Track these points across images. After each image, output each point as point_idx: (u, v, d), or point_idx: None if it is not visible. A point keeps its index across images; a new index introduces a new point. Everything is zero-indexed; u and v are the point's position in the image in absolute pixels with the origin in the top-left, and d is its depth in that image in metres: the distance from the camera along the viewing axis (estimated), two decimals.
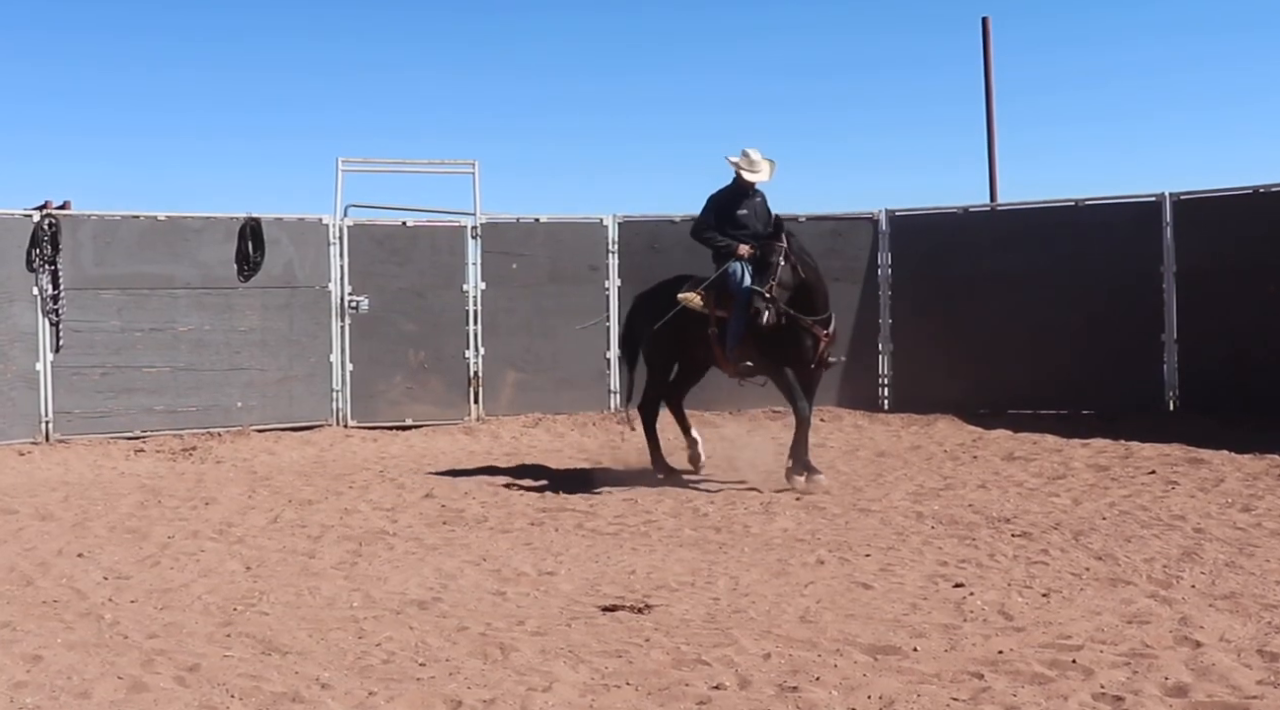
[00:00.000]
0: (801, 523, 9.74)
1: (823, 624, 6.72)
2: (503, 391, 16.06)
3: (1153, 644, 6.16)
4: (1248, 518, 9.41)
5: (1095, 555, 8.27)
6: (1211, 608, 6.86)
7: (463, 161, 16.79)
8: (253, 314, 15.02)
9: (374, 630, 6.74)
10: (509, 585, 7.84)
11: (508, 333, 16.09)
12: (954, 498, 10.68)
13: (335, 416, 15.44)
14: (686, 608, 7.16)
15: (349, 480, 12.18)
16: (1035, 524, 9.38)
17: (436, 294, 15.85)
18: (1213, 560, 8.00)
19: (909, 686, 5.59)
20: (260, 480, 12.27)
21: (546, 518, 10.14)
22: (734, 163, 11.68)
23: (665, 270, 15.62)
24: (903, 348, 16.29)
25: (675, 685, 5.70)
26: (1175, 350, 14.78)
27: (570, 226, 16.54)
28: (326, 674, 5.94)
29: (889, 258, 16.45)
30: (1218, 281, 14.34)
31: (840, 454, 13.21)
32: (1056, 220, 15.63)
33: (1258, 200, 14.35)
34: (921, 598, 7.29)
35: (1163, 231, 14.83)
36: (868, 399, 16.26)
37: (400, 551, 8.95)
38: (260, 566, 8.47)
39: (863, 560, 8.33)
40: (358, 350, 15.51)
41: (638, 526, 9.73)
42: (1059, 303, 15.16)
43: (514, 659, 6.15)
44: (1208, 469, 11.59)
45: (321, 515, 10.39)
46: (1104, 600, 7.11)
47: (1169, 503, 10.12)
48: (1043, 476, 11.66)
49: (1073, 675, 5.68)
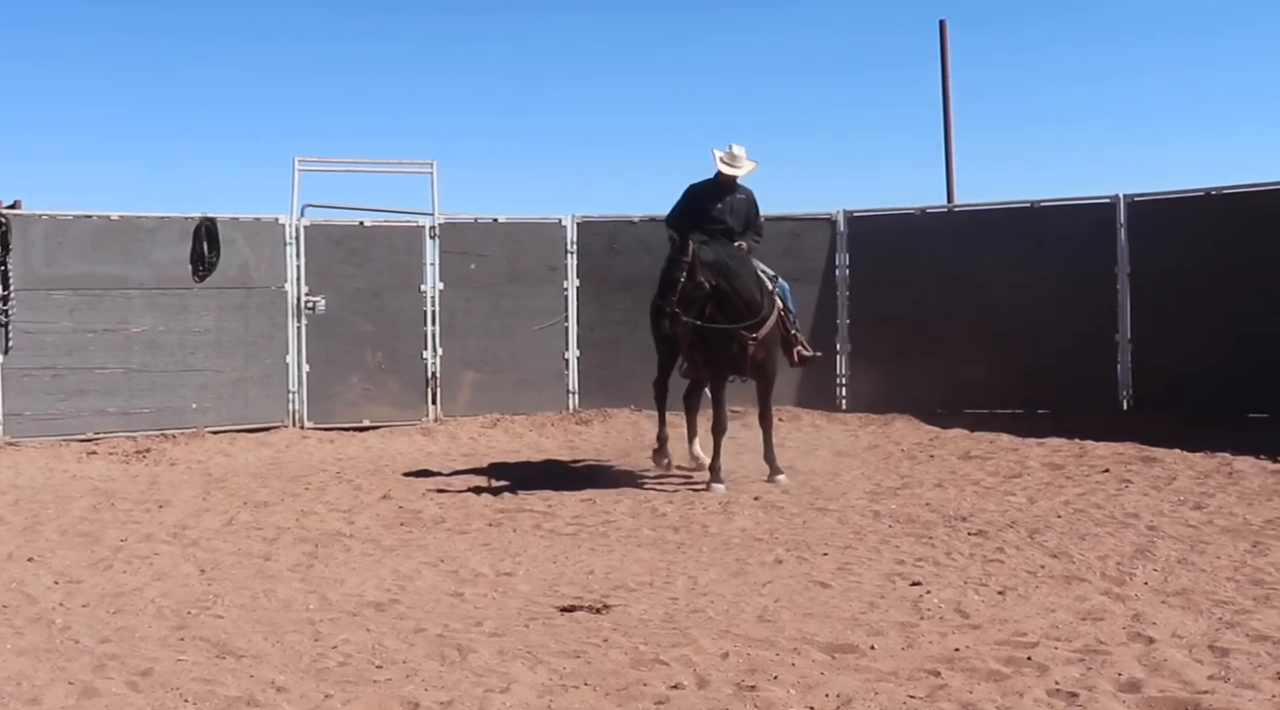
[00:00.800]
0: (759, 522, 9.76)
1: (781, 623, 6.73)
2: (461, 392, 16.02)
3: (1106, 640, 6.20)
4: (1199, 515, 9.50)
5: (1050, 553, 8.32)
6: (1164, 604, 6.92)
7: (421, 161, 16.73)
8: (208, 315, 14.91)
9: (330, 632, 6.70)
10: (467, 586, 7.81)
11: (466, 333, 16.04)
12: (911, 497, 10.72)
13: (291, 418, 15.35)
14: (645, 607, 7.16)
15: (305, 482, 12.11)
16: (991, 522, 9.44)
17: (394, 294, 15.79)
18: (1165, 557, 8.08)
19: (866, 684, 5.61)
20: (215, 482, 12.17)
21: (504, 518, 10.11)
22: (717, 156, 11.70)
23: (624, 271, 15.74)
24: (860, 348, 16.35)
25: (633, 685, 5.69)
26: (1129, 350, 14.91)
27: (529, 227, 16.51)
28: (282, 677, 5.90)
29: (847, 258, 16.51)
30: (1171, 282, 14.47)
31: (798, 453, 13.24)
32: (1013, 221, 15.73)
33: (1210, 202, 14.49)
34: (879, 596, 7.32)
35: (1117, 233, 14.95)
36: (825, 399, 16.31)
37: (357, 553, 8.90)
38: (215, 569, 8.40)
39: (820, 559, 8.35)
40: (314, 351, 15.43)
41: (596, 527, 9.72)
42: (1015, 303, 15.25)
43: (471, 660, 6.12)
44: (1160, 467, 11.70)
45: (277, 517, 10.32)
46: (1059, 597, 7.16)
47: (1122, 501, 10.21)
48: (999, 475, 11.73)
49: (1028, 672, 5.72)
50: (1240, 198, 14.31)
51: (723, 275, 11.04)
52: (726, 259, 11.12)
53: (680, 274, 10.82)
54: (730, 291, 11.12)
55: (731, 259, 11.20)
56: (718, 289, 11.03)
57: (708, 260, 10.92)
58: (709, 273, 10.92)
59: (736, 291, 11.17)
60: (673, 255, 10.97)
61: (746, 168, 11.74)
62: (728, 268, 11.10)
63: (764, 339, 11.43)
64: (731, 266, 11.14)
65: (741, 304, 11.23)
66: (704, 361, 11.57)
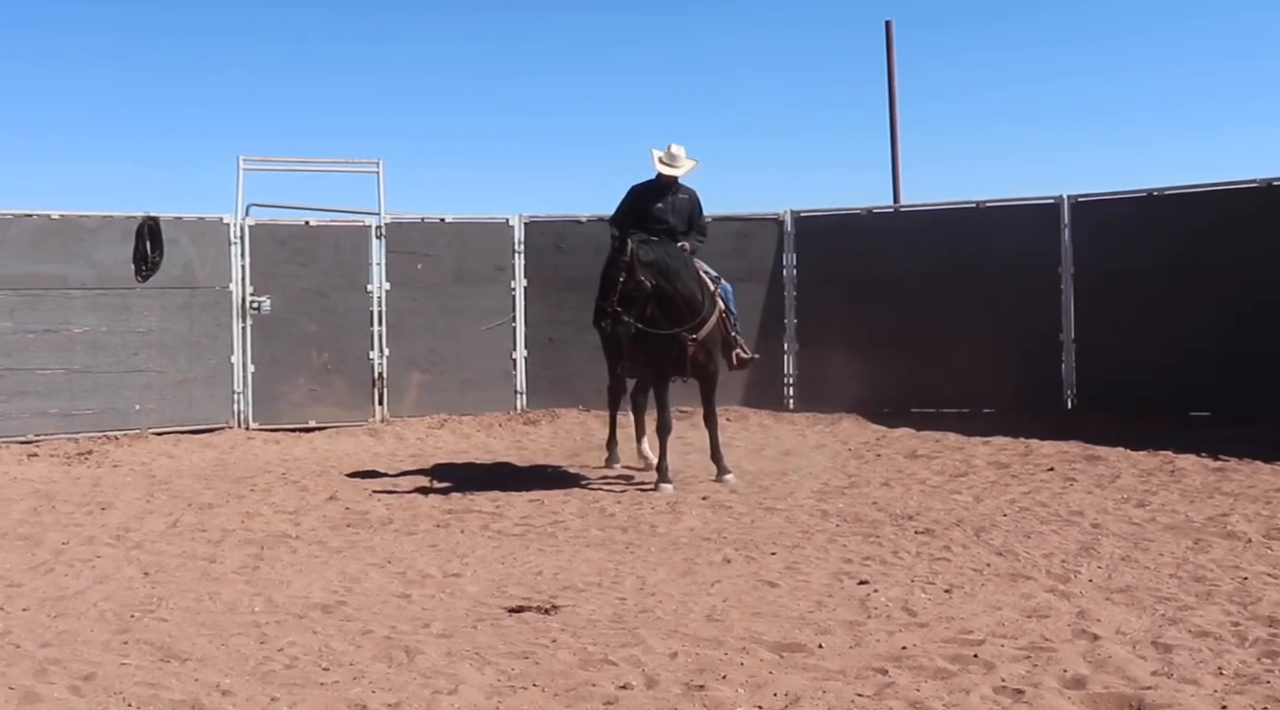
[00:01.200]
0: (708, 522, 9.77)
1: (729, 622, 6.74)
2: (408, 392, 15.95)
3: (1052, 637, 6.25)
4: (1142, 513, 9.59)
5: (996, 551, 8.38)
6: (1108, 601, 6.98)
7: (367, 161, 16.64)
8: (151, 315, 14.76)
9: (276, 635, 6.64)
10: (414, 588, 7.77)
11: (412, 333, 15.98)
12: (858, 496, 10.77)
13: (236, 419, 15.23)
14: (593, 608, 7.15)
15: (250, 483, 12.01)
16: (938, 521, 9.49)
17: (340, 294, 15.70)
18: (1109, 555, 8.15)
19: (814, 683, 5.63)
20: (159, 484, 12.05)
21: (452, 519, 10.07)
22: (656, 156, 11.70)
23: (572, 271, 15.73)
24: (808, 348, 16.42)
25: (582, 686, 5.68)
26: (1073, 350, 15.06)
27: (476, 226, 16.47)
28: (227, 680, 5.85)
29: (794, 258, 16.58)
30: (1114, 282, 14.62)
31: (746, 453, 13.27)
32: (958, 222, 15.84)
33: (1152, 203, 14.65)
34: (827, 595, 7.35)
35: (1061, 233, 15.09)
36: (773, 398, 16.37)
37: (303, 555, 8.84)
38: (159, 572, 8.31)
39: (768, 558, 8.37)
40: (259, 351, 15.32)
41: (544, 527, 9.70)
42: (961, 303, 15.35)
43: (419, 662, 6.09)
44: (1104, 466, 11.81)
45: (222, 519, 10.23)
46: (1004, 595, 7.21)
47: (1067, 499, 10.29)
48: (945, 474, 11.80)
49: (974, 669, 5.75)
50: (1181, 198, 14.49)
51: (663, 275, 11.04)
52: (667, 258, 11.13)
53: (619, 273, 10.82)
54: (671, 291, 11.13)
55: (672, 258, 11.21)
56: (658, 288, 11.03)
57: (647, 259, 10.93)
58: (649, 272, 10.92)
59: (677, 291, 11.17)
60: (612, 255, 10.96)
61: (686, 167, 11.76)
62: (668, 267, 11.10)
63: (704, 340, 11.44)
64: (672, 266, 11.14)
65: (682, 303, 11.23)
66: (645, 361, 11.59)
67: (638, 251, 10.87)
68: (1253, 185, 14.05)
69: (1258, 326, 13.60)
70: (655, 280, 10.97)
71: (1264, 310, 13.55)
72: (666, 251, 11.21)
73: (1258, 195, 13.94)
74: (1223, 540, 8.50)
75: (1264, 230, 13.65)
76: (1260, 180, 13.98)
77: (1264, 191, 13.91)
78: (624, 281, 10.82)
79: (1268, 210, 13.74)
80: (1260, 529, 8.81)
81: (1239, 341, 13.69)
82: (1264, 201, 13.83)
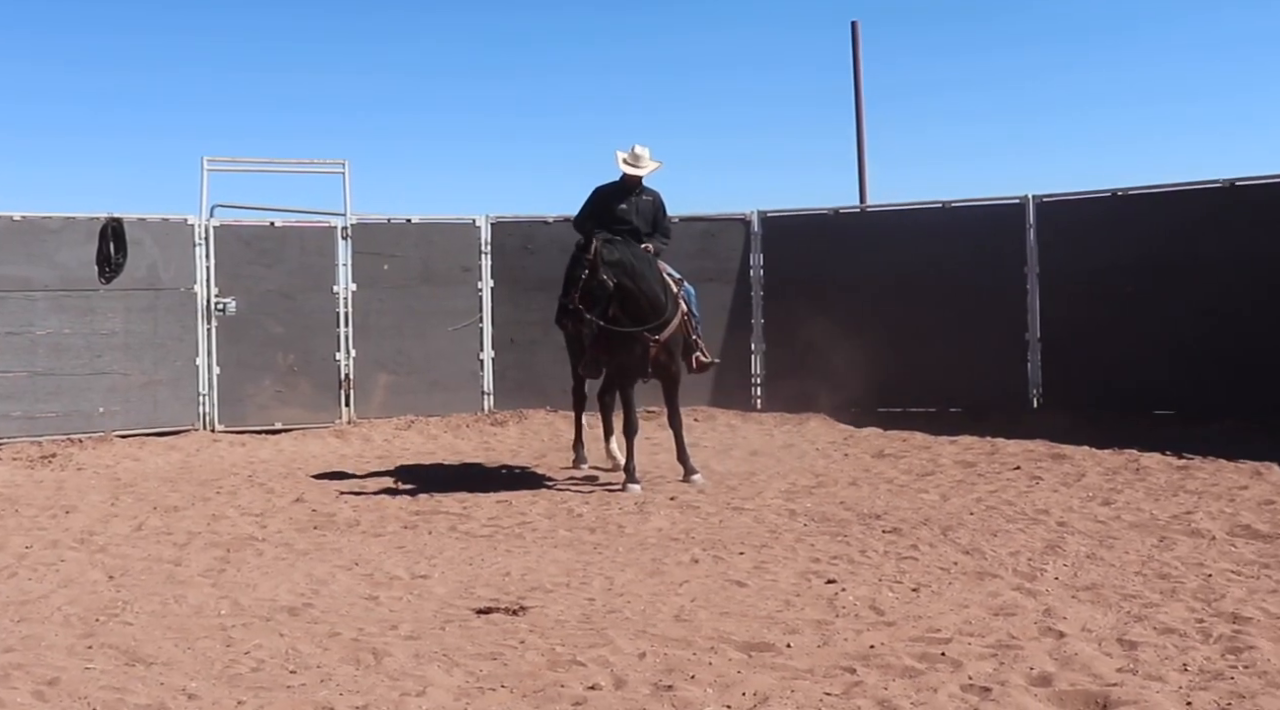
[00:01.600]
0: (676, 522, 9.77)
1: (697, 622, 6.74)
2: (374, 394, 15.90)
3: (1018, 635, 6.28)
4: (1108, 511, 9.66)
5: (963, 550, 8.42)
6: (1074, 599, 7.02)
7: (332, 161, 16.58)
8: (115, 317, 14.66)
9: (243, 638, 6.60)
10: (381, 589, 7.75)
11: (379, 334, 15.93)
12: (826, 495, 10.80)
13: (202, 421, 15.15)
14: (561, 609, 7.14)
15: (216, 485, 11.95)
16: (905, 520, 9.52)
17: (306, 295, 15.63)
18: (1075, 553, 8.20)
19: (783, 682, 5.64)
20: (124, 487, 11.96)
21: (420, 520, 10.04)
22: (620, 157, 11.71)
23: (539, 271, 15.71)
24: (775, 348, 16.46)
25: (550, 687, 5.67)
26: (1038, 349, 15.13)
27: (442, 227, 16.42)
28: (193, 684, 5.81)
29: (761, 259, 16.61)
30: (1078, 281, 14.69)
31: (714, 453, 13.29)
32: (924, 222, 15.89)
33: (1116, 203, 14.74)
34: (795, 594, 7.36)
35: (1026, 233, 15.17)
36: (741, 399, 16.39)
37: (270, 557, 8.79)
38: (124, 575, 8.26)
39: (737, 558, 8.38)
40: (225, 353, 15.23)
41: (512, 528, 9.68)
42: (927, 303, 15.40)
43: (387, 664, 6.07)
44: (1070, 464, 11.88)
45: (188, 522, 10.17)
46: (971, 593, 7.24)
47: (1033, 497, 10.35)
48: (912, 473, 11.85)
49: (942, 667, 5.77)
50: (1145, 199, 14.58)
51: (627, 274, 11.04)
52: (631, 258, 11.13)
53: (582, 271, 10.83)
54: (635, 291, 11.13)
55: (637, 259, 11.21)
56: (622, 288, 11.03)
57: (611, 258, 10.93)
58: (612, 271, 10.93)
59: (641, 291, 11.17)
60: (576, 253, 10.97)
61: (650, 168, 11.77)
62: (632, 267, 11.10)
63: (667, 341, 11.45)
64: (636, 266, 11.15)
65: (646, 303, 11.23)
66: (608, 361, 11.59)
67: (602, 250, 10.87)
68: (1216, 185, 14.16)
69: (1221, 325, 13.70)
70: (618, 279, 10.97)
71: (1227, 309, 13.66)
72: (631, 251, 11.22)
73: (1221, 195, 14.05)
74: (1187, 538, 8.56)
75: (1227, 230, 13.76)
76: (1223, 180, 14.09)
77: (1227, 191, 14.02)
78: (586, 279, 10.82)
79: (1230, 210, 13.85)
80: (1224, 526, 8.88)
81: (1203, 340, 13.80)
82: (1227, 201, 13.94)
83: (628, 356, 11.40)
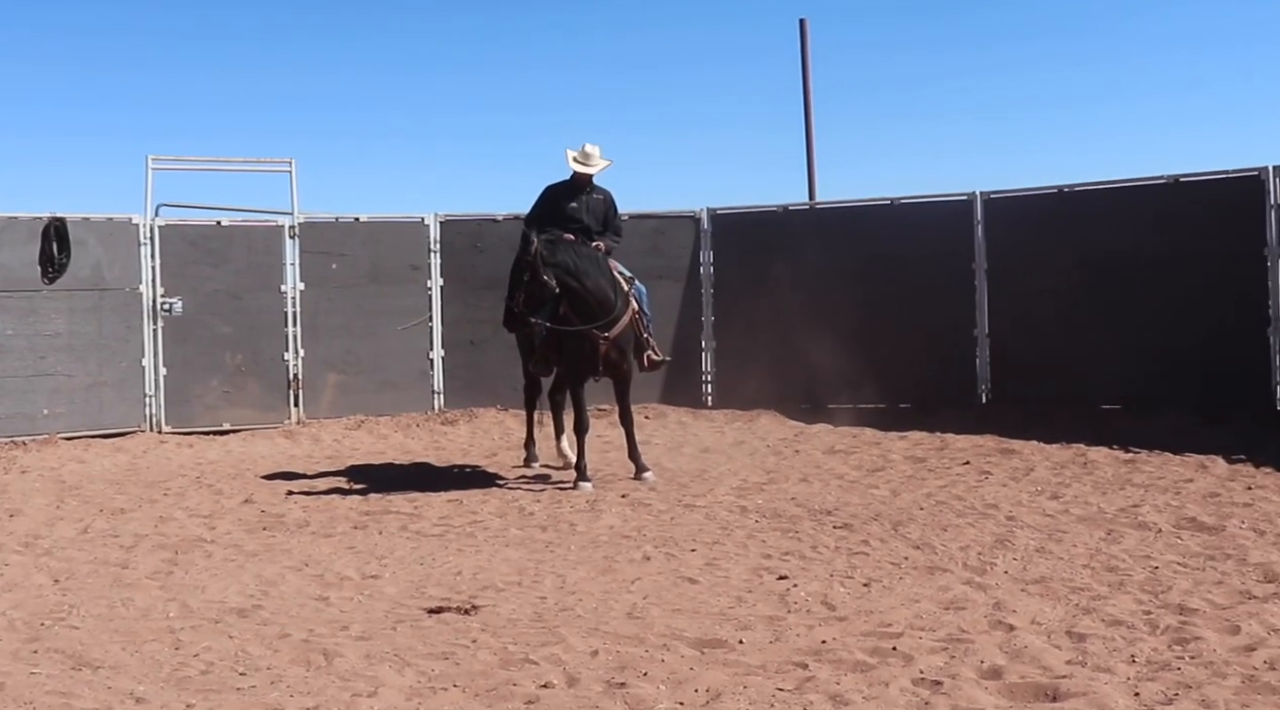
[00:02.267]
0: (627, 519, 9.77)
1: (650, 620, 6.74)
2: (324, 394, 15.80)
3: (969, 629, 6.32)
4: (1056, 505, 9.74)
5: (913, 544, 8.46)
6: (1023, 592, 7.08)
7: (279, 160, 16.46)
8: (59, 317, 14.48)
9: (191, 640, 6.55)
10: (332, 590, 7.70)
11: (328, 334, 15.82)
12: (777, 492, 10.83)
13: (149, 422, 14.99)
14: (513, 607, 7.12)
15: (164, 487, 11.83)
16: (856, 516, 9.57)
17: (253, 295, 15.50)
18: (1024, 546, 8.26)
19: (736, 678, 5.64)
20: (69, 490, 11.83)
21: (370, 520, 9.99)
22: (570, 155, 11.69)
23: (489, 269, 15.65)
24: (725, 345, 16.48)
25: (503, 685, 5.66)
26: (987, 345, 15.22)
27: (391, 226, 16.34)
28: (141, 688, 5.75)
29: (711, 256, 16.63)
30: (1026, 277, 14.79)
31: (665, 451, 13.30)
32: (873, 218, 15.96)
33: (1063, 199, 14.85)
34: (746, 591, 7.37)
35: (975, 229, 15.25)
36: (691, 396, 16.41)
37: (218, 559, 8.72)
38: (70, 579, 8.16)
39: (688, 555, 8.39)
40: (172, 354, 15.08)
41: (463, 527, 9.65)
42: (877, 299, 15.47)
43: (338, 665, 6.03)
44: (1018, 459, 11.97)
45: (135, 524, 10.07)
46: (922, 588, 7.28)
47: (982, 492, 10.42)
48: (862, 469, 11.90)
49: (893, 662, 5.80)
50: (1091, 195, 14.70)
51: (570, 274, 11.02)
52: (575, 258, 11.11)
53: (525, 273, 10.81)
54: (580, 289, 11.11)
55: (581, 258, 11.19)
56: (568, 288, 11.02)
57: (553, 260, 10.91)
58: (555, 272, 10.91)
59: (588, 290, 11.16)
60: (518, 255, 10.94)
61: (600, 166, 11.76)
62: (576, 266, 11.08)
63: (617, 338, 11.45)
64: (580, 265, 11.13)
65: (594, 302, 11.22)
66: (558, 360, 11.58)
67: (543, 251, 10.86)
68: (1160, 182, 14.29)
69: (1166, 320, 13.83)
70: (562, 280, 10.95)
71: (1172, 304, 13.79)
72: (575, 251, 11.19)
73: (1165, 191, 14.18)
74: (1134, 531, 8.65)
75: (1171, 225, 13.88)
76: (1168, 177, 14.22)
77: (1171, 188, 14.15)
78: (529, 282, 10.81)
79: (1174, 206, 13.98)
80: (1170, 519, 8.98)
81: (1148, 335, 13.92)
82: (1171, 197, 14.08)
83: (578, 355, 11.40)
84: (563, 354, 11.47)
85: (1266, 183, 13.35)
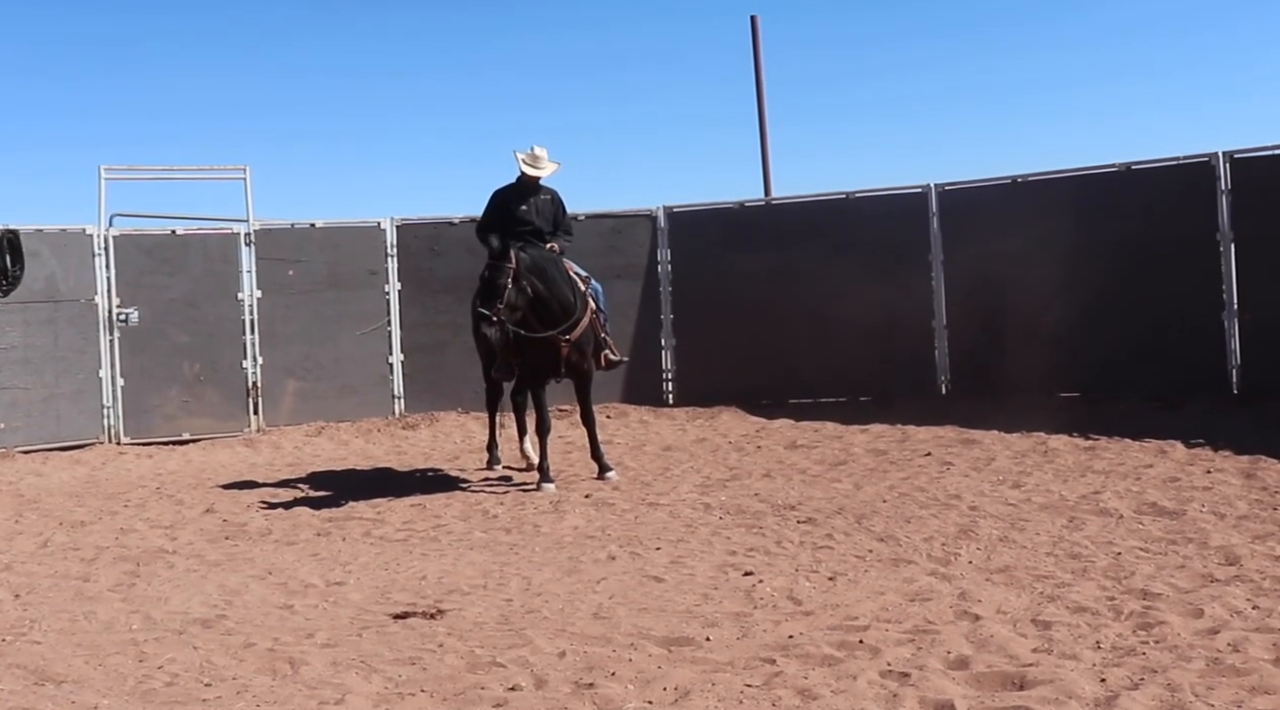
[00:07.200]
0: (591, 520, 9.77)
1: (616, 619, 6.74)
2: (283, 401, 15.70)
3: (935, 620, 6.35)
4: (1018, 494, 9.80)
5: (878, 537, 8.50)
6: (988, 582, 7.12)
7: (233, 167, 16.34)
8: (13, 330, 14.33)
9: (155, 652, 6.50)
10: (296, 598, 7.66)
11: (286, 341, 15.73)
12: (740, 488, 10.84)
13: (107, 434, 14.86)
14: (479, 611, 7.10)
15: (124, 499, 11.73)
16: (819, 510, 9.59)
17: (211, 304, 15.39)
18: (987, 536, 8.31)
19: (704, 676, 5.65)
20: (27, 503, 11.71)
21: (333, 527, 9.94)
22: (519, 157, 11.65)
23: (446, 273, 15.63)
24: (685, 342, 16.49)
25: (471, 689, 5.64)
26: (945, 336, 15.29)
27: (347, 231, 16.25)
28: (106, 701, 5.70)
29: (669, 254, 16.63)
30: (982, 268, 14.86)
31: (627, 449, 13.30)
32: (829, 213, 16.01)
33: (1016, 189, 14.94)
34: (712, 588, 7.38)
35: (930, 221, 15.32)
36: (652, 394, 16.40)
37: (181, 569, 8.66)
38: (30, 593, 8.08)
39: (653, 554, 8.39)
40: (129, 364, 14.96)
41: (427, 531, 9.62)
42: (835, 293, 15.49)
43: (304, 673, 6.00)
44: (979, 449, 12.04)
45: (95, 536, 9.98)
46: (887, 580, 7.31)
47: (945, 483, 10.47)
48: (825, 463, 11.93)
49: (861, 655, 5.82)
50: (1044, 184, 14.80)
51: (540, 279, 11.02)
52: (542, 262, 11.11)
53: (506, 280, 10.72)
54: (546, 295, 11.10)
55: (546, 262, 11.18)
56: (535, 293, 10.99)
57: (528, 266, 10.89)
58: (530, 277, 10.89)
59: (553, 295, 11.15)
60: (495, 262, 10.85)
61: (549, 169, 11.73)
62: (544, 271, 11.08)
63: (577, 340, 11.44)
64: (547, 270, 11.13)
65: (557, 307, 11.20)
66: (520, 364, 11.57)
67: (520, 258, 10.82)
68: (1112, 170, 14.41)
69: (1121, 307, 13.94)
70: (536, 288, 10.92)
71: (1127, 291, 13.90)
72: (541, 255, 11.18)
73: (1118, 179, 14.30)
74: (1096, 517, 8.72)
75: (1123, 212, 14.00)
76: (1119, 164, 14.35)
77: (1123, 175, 14.27)
78: (510, 289, 10.73)
79: (1126, 193, 14.11)
80: (1131, 505, 9.05)
81: (1104, 322, 14.03)
82: (1123, 184, 14.20)
83: (539, 358, 11.39)
84: (524, 357, 11.45)
85: (1217, 168, 13.50)
